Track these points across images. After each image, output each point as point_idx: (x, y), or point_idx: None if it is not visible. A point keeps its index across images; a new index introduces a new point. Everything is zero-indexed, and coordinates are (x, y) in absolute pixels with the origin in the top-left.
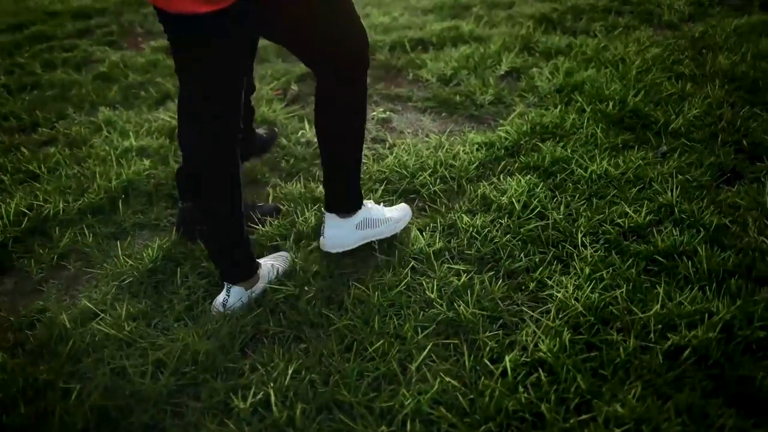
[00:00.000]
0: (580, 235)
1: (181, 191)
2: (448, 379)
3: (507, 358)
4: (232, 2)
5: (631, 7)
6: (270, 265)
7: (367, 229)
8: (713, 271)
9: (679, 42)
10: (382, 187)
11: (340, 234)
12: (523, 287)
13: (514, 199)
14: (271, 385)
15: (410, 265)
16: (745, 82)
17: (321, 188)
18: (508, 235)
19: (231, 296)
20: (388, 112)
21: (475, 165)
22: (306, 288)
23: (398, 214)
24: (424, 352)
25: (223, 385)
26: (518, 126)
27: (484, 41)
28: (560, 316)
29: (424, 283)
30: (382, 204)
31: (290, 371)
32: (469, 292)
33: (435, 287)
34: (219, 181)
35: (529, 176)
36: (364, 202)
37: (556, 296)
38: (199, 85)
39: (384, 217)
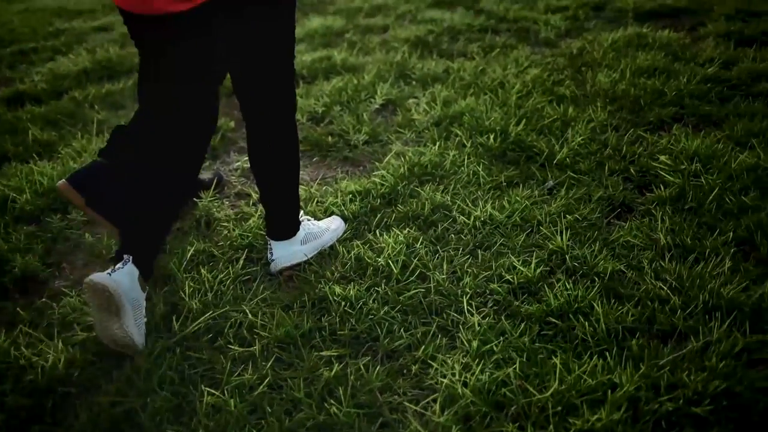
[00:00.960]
0: (465, 299)
1: (112, 146)
2: None
3: None
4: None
5: (508, 24)
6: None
7: (312, 242)
8: (612, 331)
9: (558, 60)
10: (244, 256)
11: (287, 252)
12: (405, 371)
13: (391, 261)
14: None
15: (274, 357)
16: (627, 102)
17: (173, 262)
18: (386, 306)
19: (125, 268)
20: None
21: (348, 220)
22: (150, 398)
23: (335, 224)
24: None
25: None
26: (395, 168)
27: (357, 71)
28: (447, 408)
29: (289, 379)
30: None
31: None
32: (342, 385)
33: (302, 383)
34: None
35: (408, 229)
36: (300, 218)
37: (442, 382)
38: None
39: (323, 227)
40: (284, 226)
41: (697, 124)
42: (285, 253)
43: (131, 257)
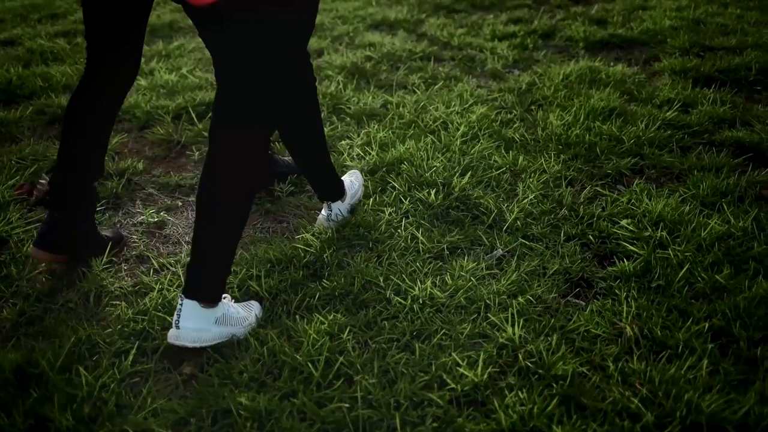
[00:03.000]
0: (399, 414)
1: None
2: None
3: None
4: None
5: (452, 52)
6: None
7: (226, 326)
8: None
9: (506, 97)
10: (135, 347)
11: (197, 327)
12: None
13: (311, 360)
14: None
15: None
16: (581, 149)
17: (46, 358)
18: (303, 423)
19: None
20: (162, 213)
21: (264, 299)
22: None
23: (252, 313)
24: None
25: None
26: (323, 229)
27: None
28: None
29: None
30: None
31: None
32: None
33: None
34: None
35: (334, 314)
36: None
37: None
38: None
39: (242, 316)
40: (208, 283)
41: (657, 178)
42: (194, 326)
43: (330, 201)
